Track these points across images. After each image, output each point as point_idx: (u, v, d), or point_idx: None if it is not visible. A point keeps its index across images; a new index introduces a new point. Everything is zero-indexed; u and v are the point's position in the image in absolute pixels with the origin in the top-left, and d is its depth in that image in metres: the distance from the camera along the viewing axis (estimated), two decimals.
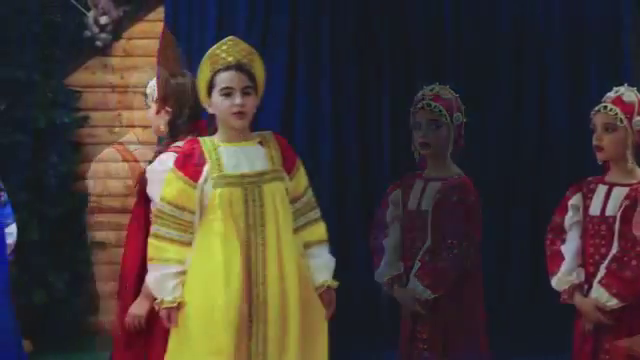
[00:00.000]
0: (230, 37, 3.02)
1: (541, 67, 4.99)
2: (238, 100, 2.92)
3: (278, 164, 3.02)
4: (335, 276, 4.65)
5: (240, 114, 2.94)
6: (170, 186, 2.97)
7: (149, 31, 5.19)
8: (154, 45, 4.74)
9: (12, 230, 3.77)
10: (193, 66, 4.75)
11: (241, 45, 3.02)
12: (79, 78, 5.27)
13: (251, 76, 3.00)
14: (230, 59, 2.99)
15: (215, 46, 3.00)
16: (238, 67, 2.97)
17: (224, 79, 2.95)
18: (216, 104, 2.97)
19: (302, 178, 3.10)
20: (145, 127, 5.00)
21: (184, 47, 4.81)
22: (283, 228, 2.97)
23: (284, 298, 2.96)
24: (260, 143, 3.04)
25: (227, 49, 3.00)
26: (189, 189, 2.93)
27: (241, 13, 4.99)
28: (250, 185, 2.97)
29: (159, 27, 4.90)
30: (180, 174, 2.95)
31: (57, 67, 5.16)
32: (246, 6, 4.98)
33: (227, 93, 2.94)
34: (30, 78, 4.57)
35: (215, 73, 2.98)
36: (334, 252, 4.67)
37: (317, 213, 3.13)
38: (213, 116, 3.05)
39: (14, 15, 4.78)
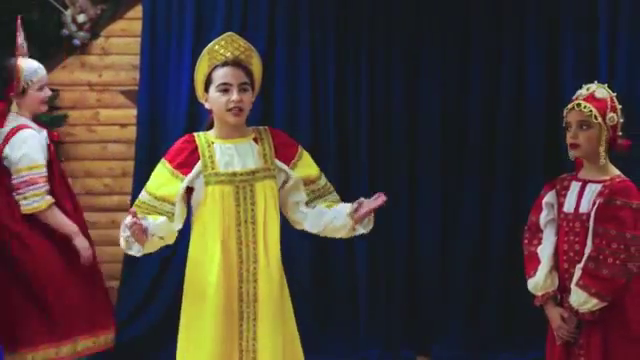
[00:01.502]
0: (229, 33, 3.03)
1: (518, 66, 4.94)
2: (235, 96, 2.92)
3: (271, 162, 3.02)
4: (315, 273, 4.92)
5: (236, 110, 2.94)
6: (156, 177, 2.99)
7: (127, 29, 5.15)
8: (133, 43, 5.08)
9: None
10: (172, 57, 4.96)
11: (239, 41, 3.03)
12: (57, 77, 5.11)
13: (248, 72, 3.00)
14: (228, 55, 3.00)
15: (213, 42, 3.01)
16: (235, 63, 2.98)
17: (221, 75, 2.95)
18: (213, 100, 2.96)
19: (308, 165, 3.11)
20: (124, 125, 5.17)
21: (163, 45, 4.97)
22: (270, 226, 2.99)
23: (272, 295, 2.99)
24: (255, 140, 3.04)
25: (225, 45, 3.01)
26: (174, 180, 2.95)
27: (219, 10, 4.90)
28: (242, 183, 2.99)
29: (137, 25, 5.02)
30: (169, 166, 2.97)
31: None
32: (224, 3, 4.91)
33: (224, 89, 2.95)
34: None
35: (213, 69, 2.98)
36: (313, 248, 4.88)
37: (336, 196, 3.14)
38: (210, 111, 3.04)
39: None
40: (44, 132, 3.98)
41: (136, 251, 2.92)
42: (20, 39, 4.09)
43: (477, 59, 4.98)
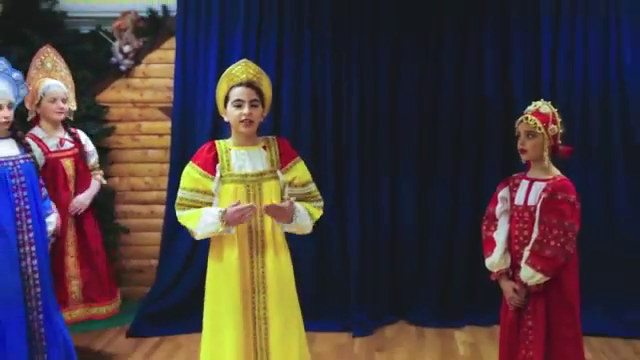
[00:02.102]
0: (244, 60, 3.20)
1: (479, 71, 5.02)
2: (246, 110, 3.07)
3: (277, 165, 3.16)
4: (311, 246, 4.96)
5: (247, 122, 3.08)
6: (188, 177, 3.14)
7: (163, 57, 5.42)
8: (168, 69, 5.37)
9: (52, 219, 3.82)
10: (200, 80, 5.16)
11: (252, 66, 3.17)
12: (107, 96, 5.47)
13: (259, 91, 3.14)
14: (242, 77, 3.12)
15: (231, 67, 3.16)
16: (248, 84, 3.11)
17: (236, 93, 3.10)
18: (229, 113, 3.12)
19: (299, 170, 3.18)
20: (161, 135, 5.49)
21: (191, 70, 5.14)
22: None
23: (279, 274, 3.14)
24: (264, 147, 3.18)
25: (240, 69, 3.14)
26: (205, 179, 3.10)
27: (237, 41, 5.07)
28: (252, 182, 3.11)
29: (171, 54, 5.28)
30: (198, 168, 3.12)
31: (89, 87, 5.35)
32: (241, 36, 5.07)
33: (238, 105, 3.08)
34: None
35: (230, 89, 3.11)
36: (313, 234, 4.40)
37: (318, 204, 3.24)
38: (228, 123, 3.18)
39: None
40: (54, 141, 4.19)
41: (228, 230, 3.04)
42: (49, 64, 4.29)
43: (446, 59, 5.00)
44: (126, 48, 5.40)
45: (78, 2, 5.38)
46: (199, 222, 3.07)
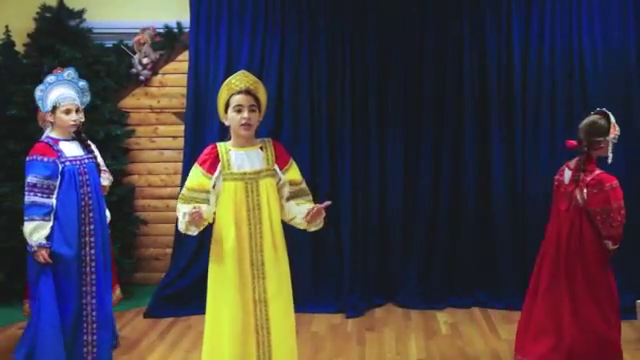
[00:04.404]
0: (242, 70, 3.25)
1: (459, 65, 5.04)
2: (245, 114, 3.11)
3: (272, 164, 3.19)
4: (308, 237, 4.58)
5: (246, 125, 3.12)
6: (193, 176, 3.17)
7: (178, 68, 5.52)
8: (182, 78, 5.41)
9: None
10: (210, 89, 5.10)
11: (250, 76, 3.20)
12: (128, 102, 5.55)
13: (256, 98, 3.17)
14: (242, 85, 3.14)
15: (231, 77, 3.19)
16: (247, 91, 3.14)
17: (236, 100, 3.12)
18: (230, 118, 3.14)
19: (295, 171, 3.24)
20: (175, 137, 5.55)
21: (202, 80, 5.16)
22: (274, 210, 3.18)
23: (277, 261, 3.17)
24: (261, 148, 3.20)
25: (240, 78, 3.18)
26: (205, 179, 3.14)
27: (244, 54, 5.09)
28: (250, 180, 3.13)
29: (185, 66, 5.32)
30: (200, 168, 3.16)
31: (112, 94, 5.44)
32: (247, 51, 5.11)
33: (238, 110, 3.11)
34: (93, 103, 4.65)
35: (230, 96, 3.13)
36: None
37: (309, 198, 3.28)
38: (228, 127, 3.20)
39: (83, 57, 5.01)
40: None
41: (193, 231, 3.11)
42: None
43: (428, 59, 5.02)
44: (145, 60, 5.49)
45: (102, 19, 5.47)
46: (179, 213, 3.17)
